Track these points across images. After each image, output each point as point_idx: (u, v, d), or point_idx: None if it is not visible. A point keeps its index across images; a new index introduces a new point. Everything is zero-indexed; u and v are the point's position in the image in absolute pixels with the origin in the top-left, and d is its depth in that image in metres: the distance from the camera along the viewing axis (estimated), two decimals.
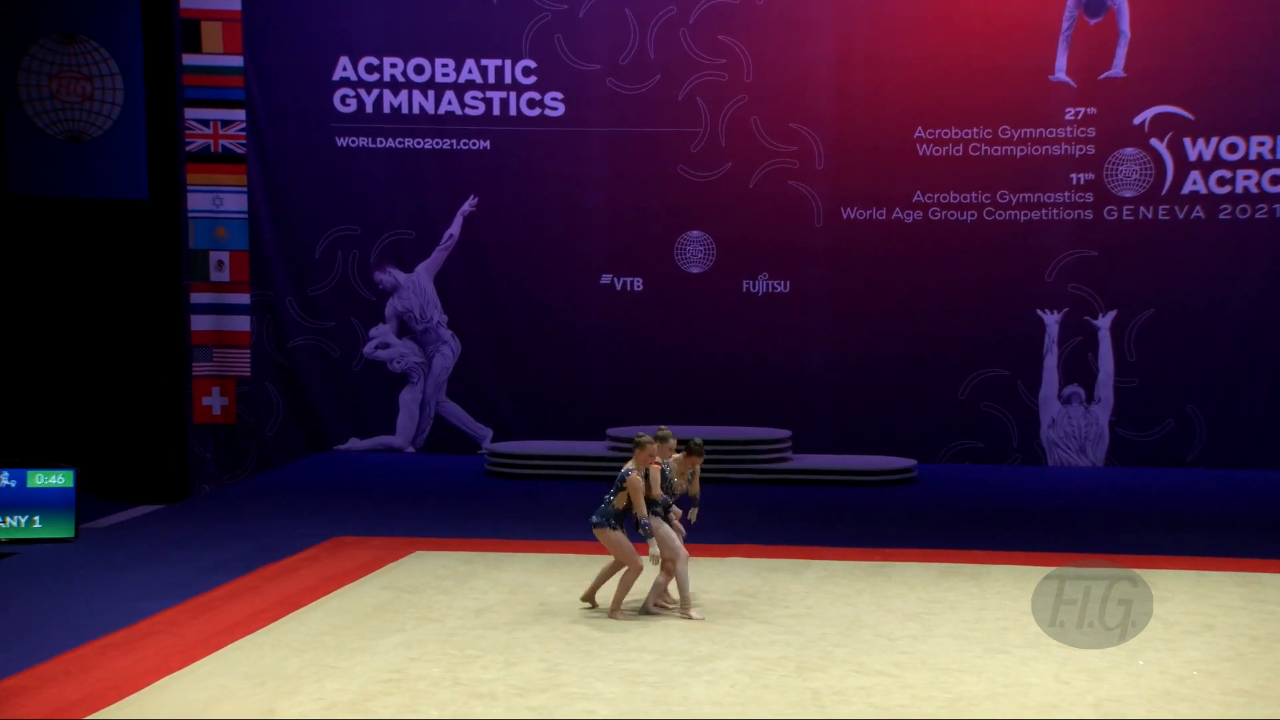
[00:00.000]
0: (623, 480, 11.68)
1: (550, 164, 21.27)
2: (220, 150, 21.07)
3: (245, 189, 21.17)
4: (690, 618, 11.76)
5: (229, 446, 21.31)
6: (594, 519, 11.89)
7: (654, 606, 12.02)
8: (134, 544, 15.49)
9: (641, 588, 12.11)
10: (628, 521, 11.82)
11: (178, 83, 20.67)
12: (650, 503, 11.73)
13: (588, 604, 12.18)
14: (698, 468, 12.25)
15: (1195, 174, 20.27)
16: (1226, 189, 20.22)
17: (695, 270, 21.24)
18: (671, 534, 11.83)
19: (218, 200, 21.07)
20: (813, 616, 12.07)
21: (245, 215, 21.20)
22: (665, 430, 12.14)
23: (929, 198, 20.76)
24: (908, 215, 20.82)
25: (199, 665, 10.72)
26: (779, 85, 20.87)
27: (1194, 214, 20.29)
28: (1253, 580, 13.36)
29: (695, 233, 21.19)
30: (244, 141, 21.15)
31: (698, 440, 12.24)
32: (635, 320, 21.27)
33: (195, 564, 14.22)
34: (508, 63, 21.24)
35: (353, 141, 21.45)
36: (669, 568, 11.88)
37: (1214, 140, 20.24)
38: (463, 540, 15.24)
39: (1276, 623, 11.90)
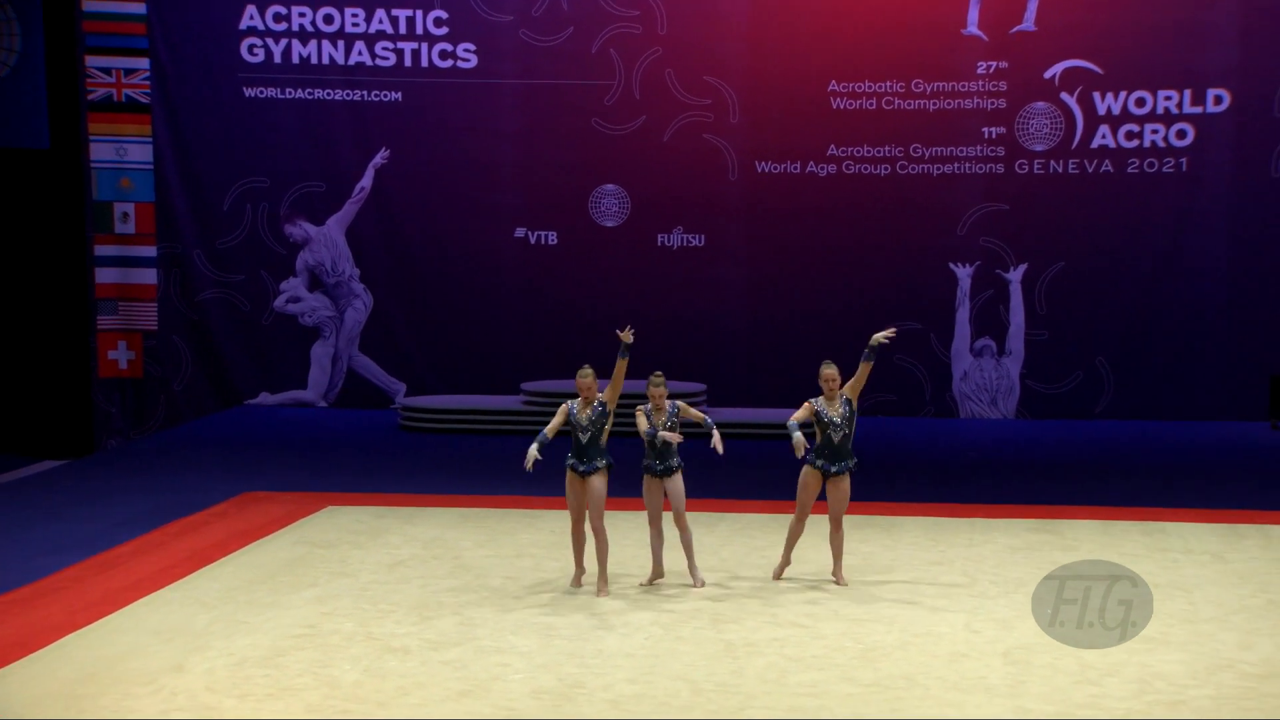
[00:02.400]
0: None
1: (463, 116, 21.10)
2: (124, 99, 20.71)
3: (150, 139, 20.84)
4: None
5: (136, 401, 21.05)
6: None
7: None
8: (37, 500, 15.30)
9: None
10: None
11: (78, 29, 20.26)
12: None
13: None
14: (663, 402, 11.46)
15: (1104, 128, 20.46)
16: (1135, 143, 20.42)
17: (610, 224, 21.19)
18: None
19: (121, 150, 20.72)
20: (727, 569, 12.14)
21: (150, 166, 20.88)
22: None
23: (843, 151, 20.82)
24: (822, 169, 20.87)
25: (105, 622, 10.62)
26: (693, 38, 20.80)
27: (1103, 168, 20.49)
28: (1156, 529, 13.58)
29: (610, 186, 21.13)
30: (148, 91, 20.80)
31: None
32: (550, 274, 21.20)
33: (101, 520, 14.06)
34: (419, 13, 21.01)
35: (261, 92, 21.16)
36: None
37: (1123, 94, 20.41)
38: (376, 495, 15.18)
39: (1179, 570, 12.12)
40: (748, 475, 16.83)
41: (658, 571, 11.60)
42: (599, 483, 11.31)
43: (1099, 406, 20.67)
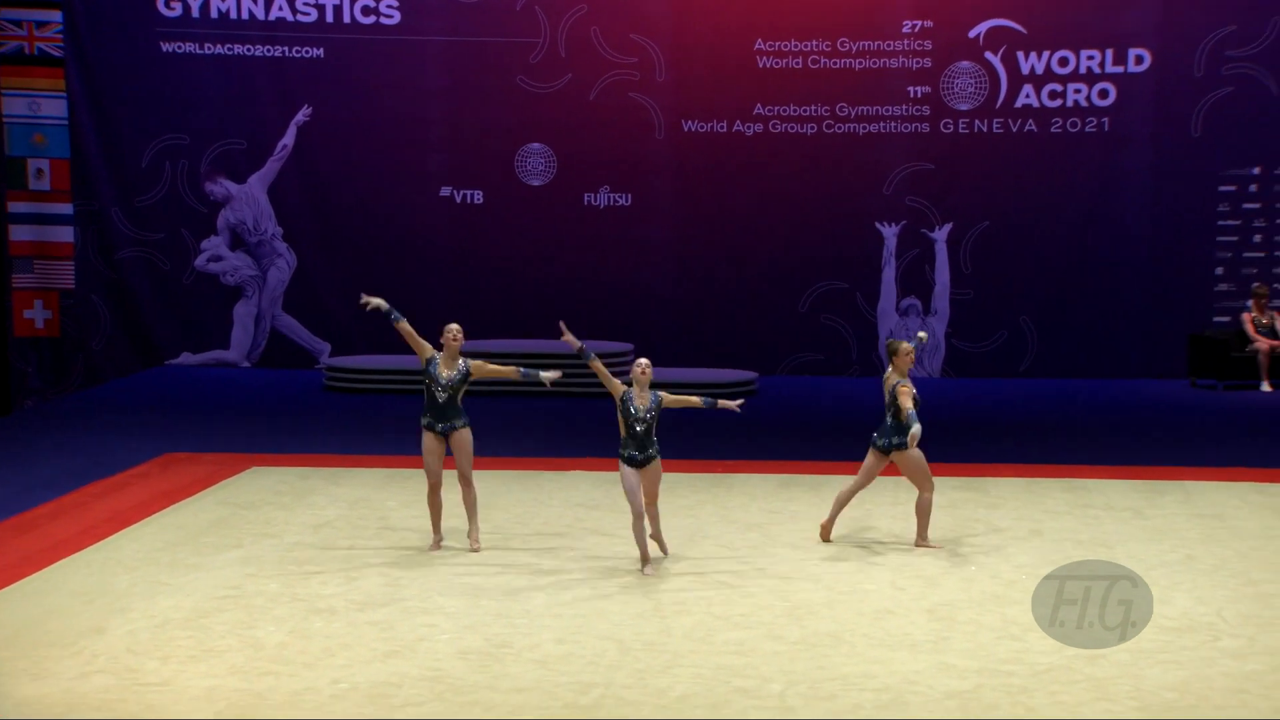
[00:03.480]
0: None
1: (387, 73, 20.91)
2: (36, 52, 20.33)
3: (64, 94, 20.47)
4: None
5: (53, 361, 20.76)
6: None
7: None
8: None
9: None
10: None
11: None
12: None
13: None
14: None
15: (1028, 87, 20.58)
16: (1058, 102, 20.56)
17: (536, 183, 21.11)
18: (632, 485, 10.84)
19: (34, 105, 20.35)
20: None
21: (65, 121, 20.53)
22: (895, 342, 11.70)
23: (769, 110, 20.82)
24: (748, 128, 20.87)
25: (23, 584, 10.51)
26: None
27: (1027, 127, 20.62)
28: (1079, 486, 13.75)
29: (536, 145, 21.03)
30: (61, 44, 20.43)
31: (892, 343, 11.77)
32: (476, 233, 21.10)
33: (18, 481, 13.90)
34: None
35: (179, 47, 20.87)
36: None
37: (1046, 54, 20.53)
38: (301, 455, 15.09)
39: (1100, 526, 12.28)
40: (672, 434, 16.85)
41: (645, 557, 11.01)
42: (468, 436, 11.32)
43: (1023, 365, 20.86)
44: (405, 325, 11.47)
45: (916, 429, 11.23)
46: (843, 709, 8.31)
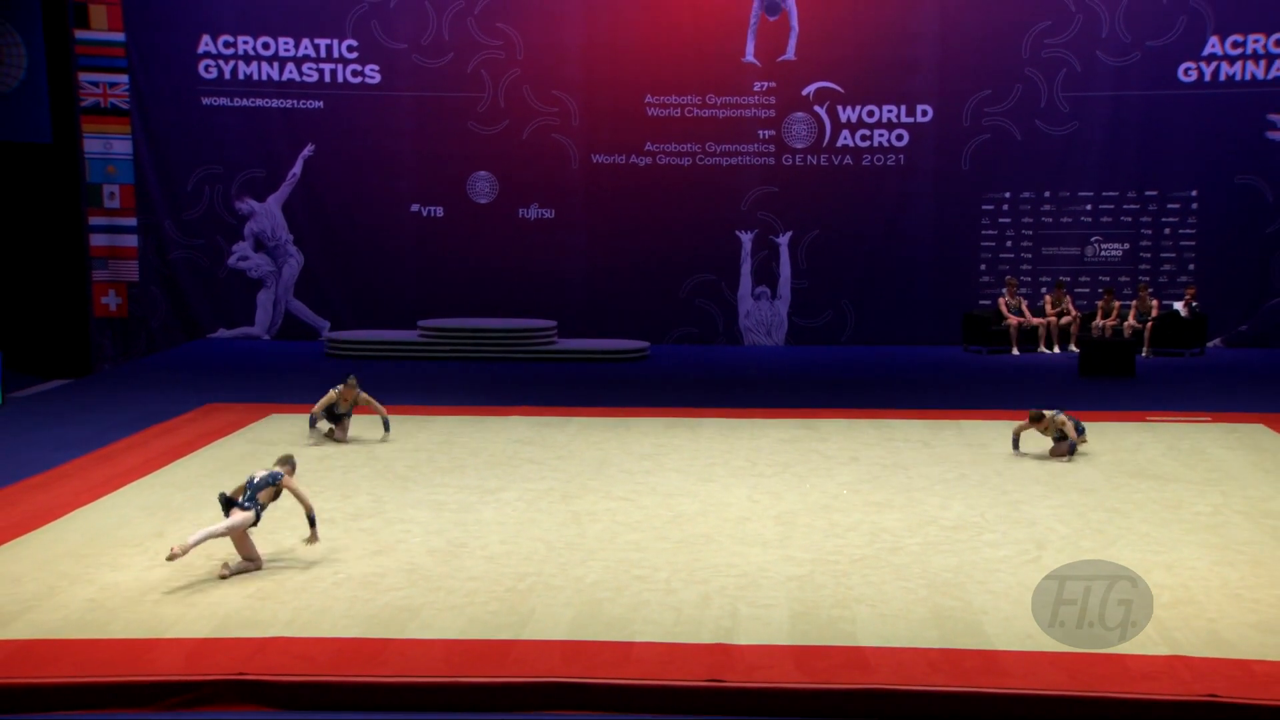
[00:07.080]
0: (275, 481, 8.83)
1: (370, 119, 20.60)
2: (109, 106, 19.82)
3: (130, 136, 19.99)
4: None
5: (123, 335, 20.32)
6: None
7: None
8: (50, 409, 14.82)
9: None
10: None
11: (71, 52, 19.33)
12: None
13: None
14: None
15: (846, 132, 20.67)
16: (868, 143, 20.67)
17: (483, 201, 20.91)
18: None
19: (108, 145, 19.84)
20: (573, 458, 12.17)
21: (130, 157, 20.04)
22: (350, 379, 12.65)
23: (657, 147, 20.75)
24: (641, 160, 20.79)
25: (104, 500, 10.36)
26: (544, 61, 20.52)
27: (845, 161, 20.71)
28: (886, 425, 13.91)
29: (482, 173, 20.82)
30: (127, 100, 19.94)
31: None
32: (438, 239, 20.89)
33: (98, 424, 13.66)
34: (335, 41, 20.42)
35: (215, 100, 20.42)
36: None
37: (858, 108, 20.61)
38: (308, 405, 14.81)
39: (899, 454, 12.44)
40: (587, 389, 16.87)
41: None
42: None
43: (844, 336, 21.00)
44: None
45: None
46: (712, 590, 8.37)
